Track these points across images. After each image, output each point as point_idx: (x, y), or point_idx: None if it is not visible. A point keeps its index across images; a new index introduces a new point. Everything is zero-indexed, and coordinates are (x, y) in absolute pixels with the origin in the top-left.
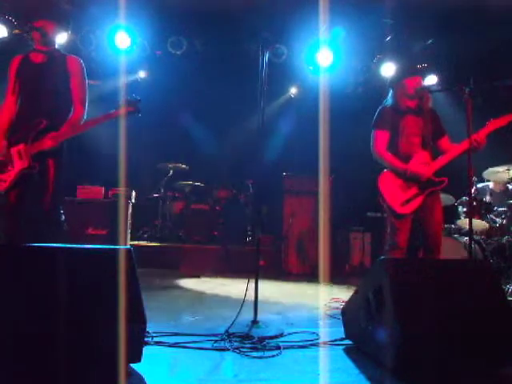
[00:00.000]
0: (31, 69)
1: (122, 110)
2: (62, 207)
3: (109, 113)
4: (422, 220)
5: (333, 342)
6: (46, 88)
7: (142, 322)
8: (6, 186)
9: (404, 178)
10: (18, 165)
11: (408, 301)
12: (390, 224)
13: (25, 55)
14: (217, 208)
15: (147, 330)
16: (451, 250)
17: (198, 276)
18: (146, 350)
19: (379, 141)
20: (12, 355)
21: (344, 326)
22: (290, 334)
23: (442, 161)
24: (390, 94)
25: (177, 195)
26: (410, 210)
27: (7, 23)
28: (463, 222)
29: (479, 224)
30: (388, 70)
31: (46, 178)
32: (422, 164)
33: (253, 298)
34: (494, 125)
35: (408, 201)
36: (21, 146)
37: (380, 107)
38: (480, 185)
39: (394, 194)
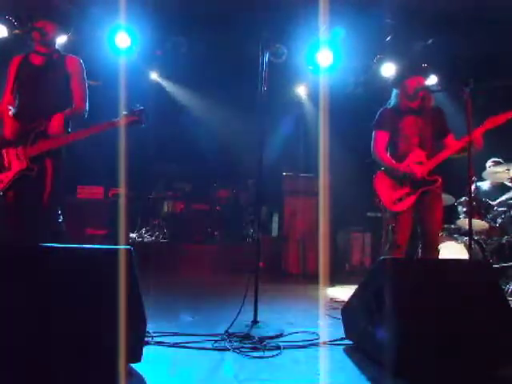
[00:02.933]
0: (30, 70)
1: (126, 120)
2: (61, 207)
3: (112, 121)
4: (421, 218)
5: (333, 342)
6: (45, 90)
7: (142, 321)
8: (3, 187)
9: (397, 177)
10: (16, 166)
11: (408, 301)
12: (389, 223)
13: (25, 56)
14: (217, 208)
15: (147, 329)
16: (451, 250)
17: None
18: (146, 349)
19: (379, 141)
20: (12, 355)
21: (344, 326)
22: (290, 334)
23: (435, 160)
24: (393, 95)
25: (177, 195)
26: (402, 208)
27: (7, 23)
28: (463, 222)
29: (479, 224)
30: (388, 70)
31: (43, 178)
32: (417, 163)
33: (253, 298)
34: (491, 123)
35: (400, 199)
36: (19, 148)
37: (381, 108)
38: (479, 183)
39: (387, 193)
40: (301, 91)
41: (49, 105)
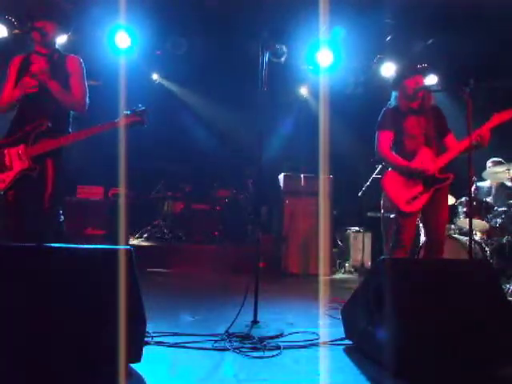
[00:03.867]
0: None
1: (127, 120)
2: (61, 207)
3: (114, 121)
4: (428, 218)
5: (333, 342)
6: (45, 90)
7: (142, 322)
8: (4, 187)
9: (409, 175)
10: (18, 165)
11: (408, 301)
12: (396, 222)
13: (25, 56)
14: (217, 208)
15: (147, 330)
16: (451, 249)
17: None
18: (146, 350)
19: (383, 141)
20: (12, 355)
21: (344, 326)
22: (290, 334)
23: (445, 158)
24: (393, 96)
25: (177, 195)
26: (416, 208)
27: (7, 23)
28: (463, 222)
29: (479, 224)
30: (388, 70)
31: (44, 178)
32: (427, 160)
33: (253, 298)
34: (497, 119)
35: (414, 198)
36: (21, 147)
37: (384, 108)
38: (480, 183)
39: (399, 193)
40: (301, 91)
41: (50, 104)
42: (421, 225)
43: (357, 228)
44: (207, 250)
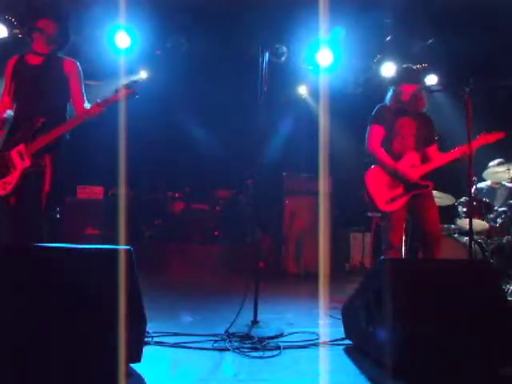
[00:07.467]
0: (27, 70)
1: (121, 94)
2: (60, 206)
3: (108, 98)
4: (418, 220)
5: (333, 342)
6: (42, 89)
7: (142, 322)
8: (11, 188)
9: (392, 176)
10: (20, 165)
11: (408, 301)
12: (383, 224)
13: (21, 56)
14: (217, 208)
15: (147, 330)
16: (451, 250)
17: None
18: (146, 350)
19: (374, 135)
20: (12, 355)
21: (344, 326)
22: (290, 334)
23: (430, 166)
24: (388, 95)
25: (177, 195)
26: (394, 209)
27: (7, 23)
28: (463, 222)
29: (479, 224)
30: (388, 70)
31: (42, 176)
32: (411, 166)
33: (253, 298)
34: (484, 139)
35: (393, 199)
36: (21, 147)
37: (379, 104)
38: (480, 184)
39: (380, 191)
40: (301, 91)
41: (47, 103)
42: None
43: (357, 228)
44: (207, 250)
